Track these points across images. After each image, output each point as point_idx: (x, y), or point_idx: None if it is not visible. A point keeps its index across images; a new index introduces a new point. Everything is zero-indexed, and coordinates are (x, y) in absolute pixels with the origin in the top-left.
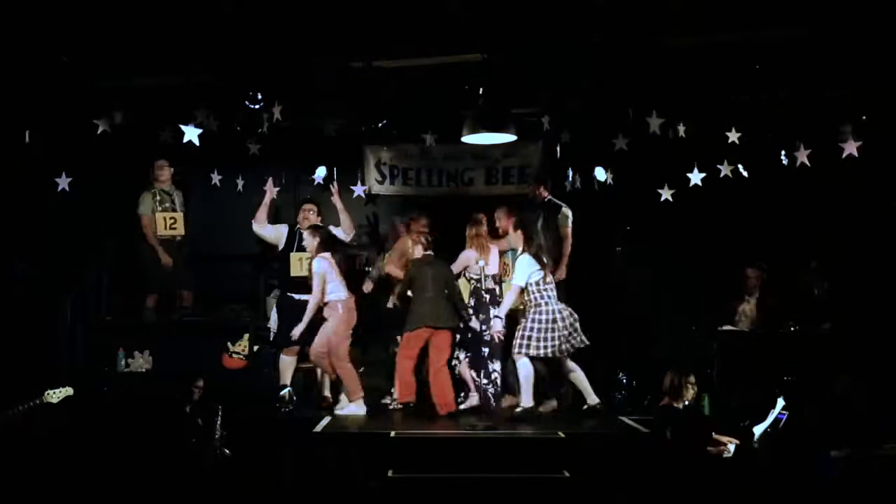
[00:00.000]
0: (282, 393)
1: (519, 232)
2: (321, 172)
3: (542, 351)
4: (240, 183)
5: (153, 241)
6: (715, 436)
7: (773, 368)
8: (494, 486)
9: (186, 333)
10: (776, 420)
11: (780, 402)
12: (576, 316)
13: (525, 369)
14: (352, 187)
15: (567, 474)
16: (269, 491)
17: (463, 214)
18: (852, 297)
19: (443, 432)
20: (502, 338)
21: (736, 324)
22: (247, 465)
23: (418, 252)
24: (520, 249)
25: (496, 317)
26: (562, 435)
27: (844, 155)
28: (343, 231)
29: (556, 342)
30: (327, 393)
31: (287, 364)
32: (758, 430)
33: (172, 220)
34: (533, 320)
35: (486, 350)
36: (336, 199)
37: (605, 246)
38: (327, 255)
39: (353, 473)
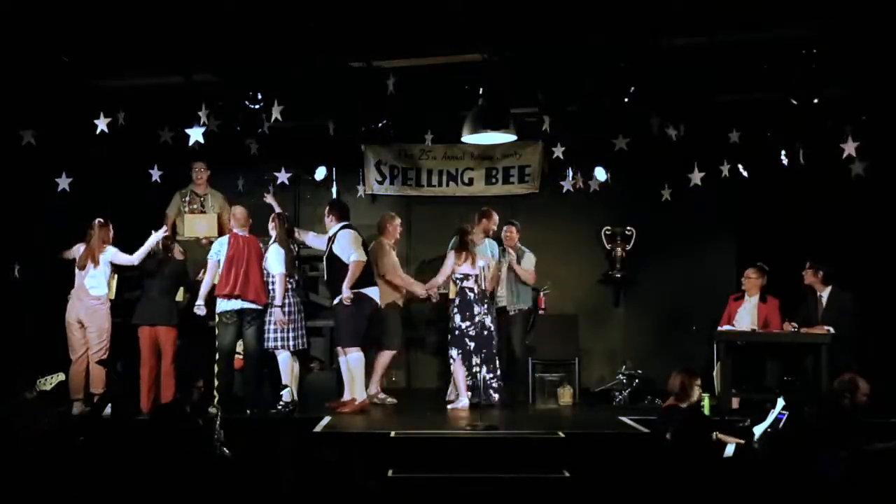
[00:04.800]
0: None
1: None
2: (321, 172)
3: (295, 343)
4: (240, 183)
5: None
6: (716, 436)
7: (773, 368)
8: (494, 486)
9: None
10: (776, 420)
11: (780, 402)
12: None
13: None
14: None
15: (567, 474)
16: (269, 491)
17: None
18: (852, 298)
19: (443, 432)
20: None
21: (736, 324)
22: (247, 465)
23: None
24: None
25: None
26: (562, 435)
27: (844, 155)
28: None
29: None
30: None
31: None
32: (758, 430)
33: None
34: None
35: (471, 345)
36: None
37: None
38: None
39: (353, 473)
